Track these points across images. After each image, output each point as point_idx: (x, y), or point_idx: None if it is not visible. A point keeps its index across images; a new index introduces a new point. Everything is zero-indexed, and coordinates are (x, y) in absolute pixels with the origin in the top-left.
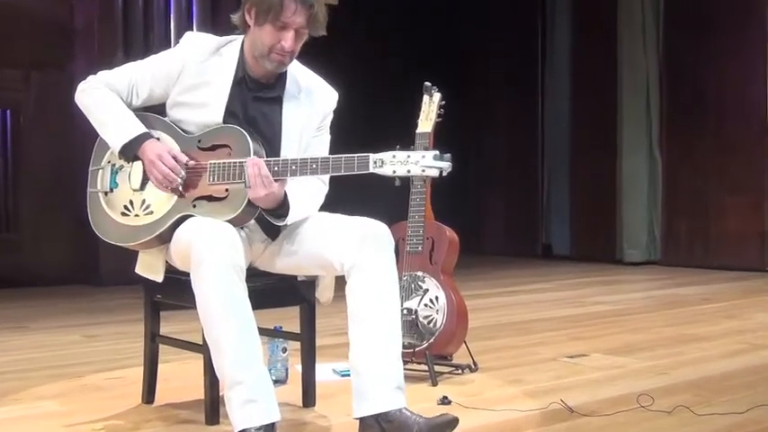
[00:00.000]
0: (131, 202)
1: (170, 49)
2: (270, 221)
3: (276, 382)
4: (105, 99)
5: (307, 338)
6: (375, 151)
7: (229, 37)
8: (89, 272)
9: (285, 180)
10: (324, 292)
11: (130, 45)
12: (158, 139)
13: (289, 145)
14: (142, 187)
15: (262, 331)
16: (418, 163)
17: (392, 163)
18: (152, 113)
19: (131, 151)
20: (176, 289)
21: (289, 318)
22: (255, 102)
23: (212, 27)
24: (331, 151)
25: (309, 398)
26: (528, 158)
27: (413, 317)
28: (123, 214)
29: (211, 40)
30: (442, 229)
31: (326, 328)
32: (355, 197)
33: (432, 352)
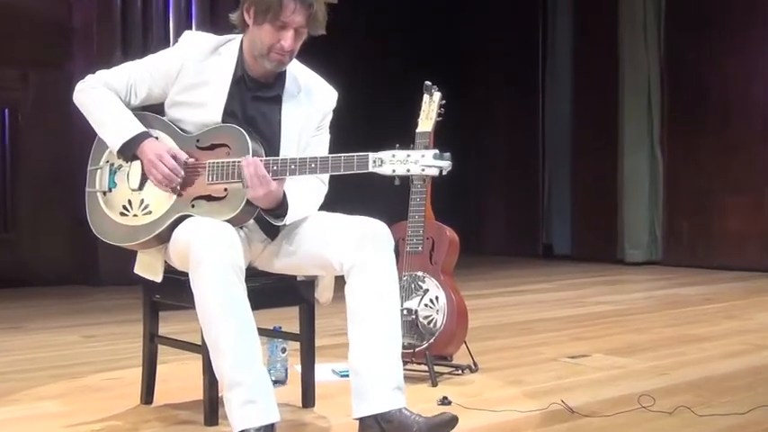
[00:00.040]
0: (130, 202)
1: (169, 49)
2: (269, 221)
3: (275, 383)
4: (104, 98)
5: (306, 339)
6: (375, 151)
7: (228, 36)
8: (87, 272)
9: (284, 179)
10: (323, 293)
11: (129, 44)
12: (157, 139)
13: (288, 144)
14: (141, 187)
15: (261, 331)
16: (418, 162)
17: (392, 162)
18: (150, 113)
19: (130, 151)
20: (175, 289)
21: (288, 318)
22: (254, 101)
23: (211, 26)
24: (331, 151)
25: (309, 398)
26: (528, 158)
27: (413, 317)
28: (122, 214)
29: (210, 40)
30: (443, 229)
31: (326, 329)
32: (355, 197)
33: (432, 352)
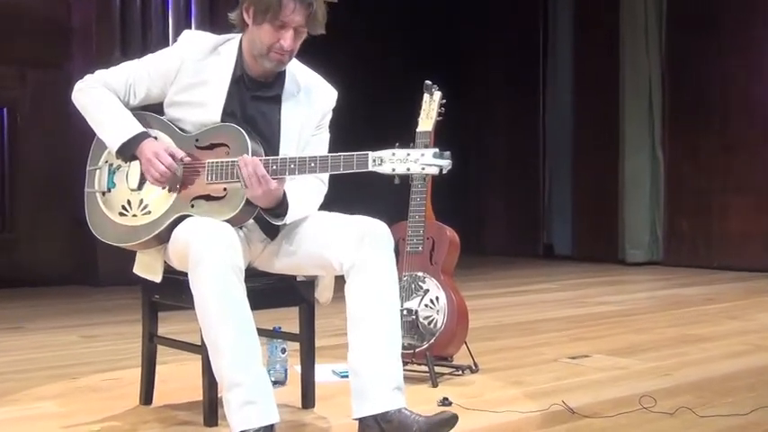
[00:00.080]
0: (129, 202)
1: (167, 48)
2: (269, 221)
3: (275, 384)
4: (102, 98)
5: (306, 339)
6: (375, 151)
7: (227, 35)
8: (86, 272)
9: (284, 179)
10: (323, 293)
11: (128, 44)
12: (156, 139)
13: (287, 144)
14: (140, 187)
15: (260, 332)
16: (418, 161)
17: (391, 161)
18: (149, 112)
19: (129, 151)
20: (174, 289)
21: (288, 318)
22: (254, 101)
23: (210, 26)
24: (330, 151)
25: (309, 399)
26: (529, 158)
27: (413, 317)
28: (121, 214)
29: (209, 39)
30: (443, 229)
31: (326, 329)
32: (355, 197)
33: (432, 353)
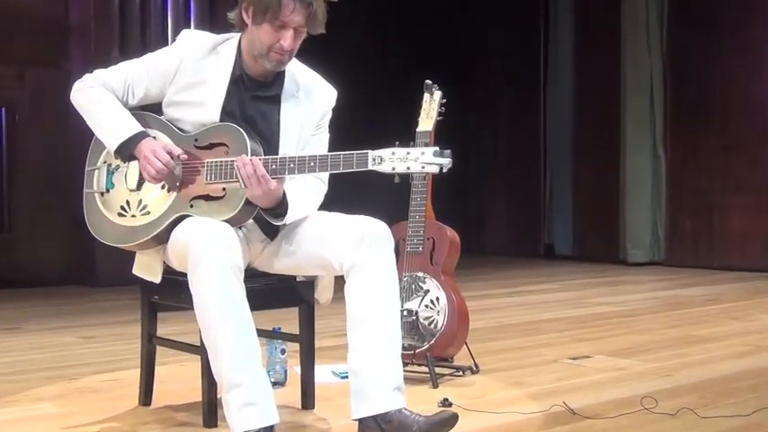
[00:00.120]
0: (128, 203)
1: (166, 48)
2: (268, 221)
3: (275, 384)
4: (101, 98)
5: (306, 340)
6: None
7: (226, 35)
8: (85, 272)
9: (283, 178)
10: (323, 293)
11: (127, 43)
12: (154, 138)
13: (287, 144)
14: (139, 187)
15: (260, 332)
16: (418, 160)
17: (391, 160)
18: (148, 112)
19: (127, 150)
20: (174, 290)
21: (288, 319)
22: (253, 100)
23: (210, 25)
24: (330, 151)
25: (308, 400)
26: (530, 158)
27: (413, 318)
28: (120, 215)
29: (208, 38)
30: (443, 230)
31: (326, 330)
32: (355, 197)
33: (432, 354)
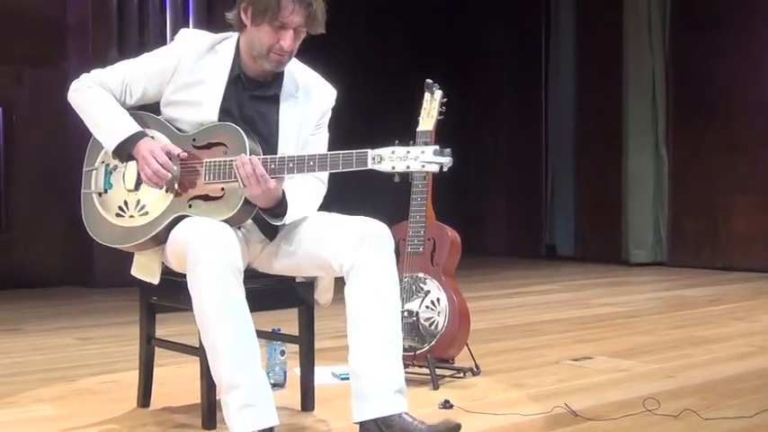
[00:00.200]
0: (126, 203)
1: (164, 47)
2: (267, 221)
3: (274, 386)
4: (98, 98)
5: (305, 341)
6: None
7: (225, 34)
8: (83, 273)
9: (283, 178)
10: (323, 294)
11: (125, 43)
12: (153, 138)
13: (286, 144)
14: (137, 188)
15: (260, 334)
16: (418, 158)
17: (391, 159)
18: (146, 112)
19: (125, 151)
20: (172, 291)
21: (287, 320)
22: (252, 100)
23: (208, 24)
24: (330, 150)
25: (308, 402)
26: (531, 157)
27: (414, 319)
28: (118, 215)
29: (206, 38)
30: (444, 230)
31: (326, 331)
32: (355, 197)
33: (433, 355)
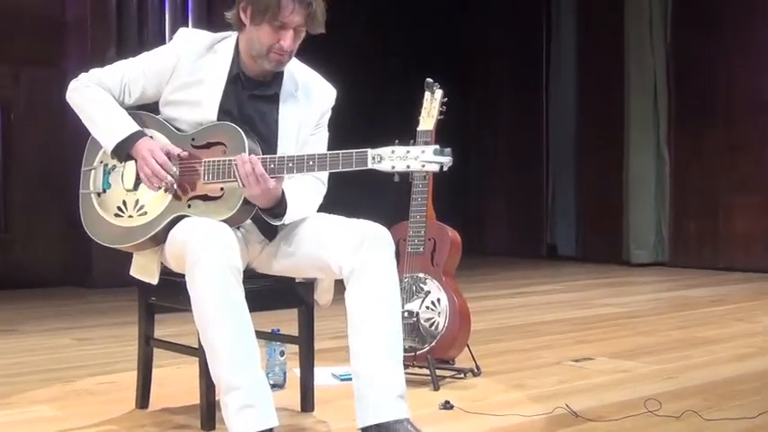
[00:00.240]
0: (125, 203)
1: (163, 47)
2: (267, 221)
3: (274, 387)
4: (97, 97)
5: (305, 342)
6: None
7: (224, 33)
8: (82, 273)
9: (282, 178)
10: (323, 295)
11: (124, 42)
12: (152, 138)
13: (285, 143)
14: (135, 187)
15: (259, 334)
16: (418, 158)
17: (391, 158)
18: (145, 112)
19: (124, 151)
20: (171, 291)
21: (287, 320)
22: (251, 100)
23: (208, 24)
24: (329, 150)
25: (308, 402)
26: (532, 158)
27: (414, 319)
28: (116, 215)
29: (206, 37)
30: (444, 230)
31: (325, 331)
32: (355, 197)
33: (433, 355)
